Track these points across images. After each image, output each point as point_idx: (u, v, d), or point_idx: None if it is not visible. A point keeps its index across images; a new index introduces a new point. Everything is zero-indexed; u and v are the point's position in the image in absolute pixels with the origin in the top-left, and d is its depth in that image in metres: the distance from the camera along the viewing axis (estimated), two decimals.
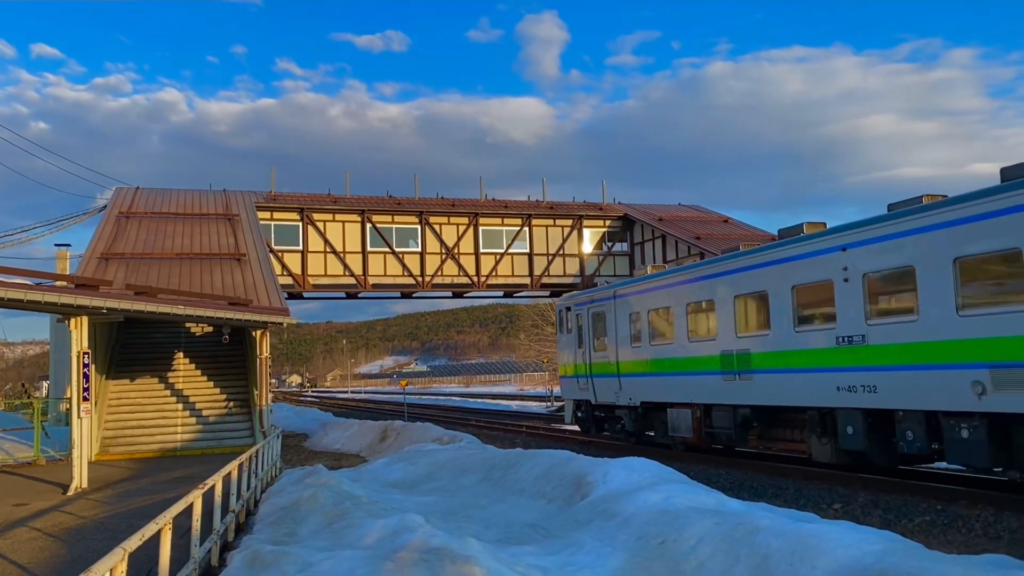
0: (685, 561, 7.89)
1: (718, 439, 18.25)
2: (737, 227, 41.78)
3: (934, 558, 6.64)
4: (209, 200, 35.83)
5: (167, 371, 26.87)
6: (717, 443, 18.66)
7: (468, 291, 40.28)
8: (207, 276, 25.77)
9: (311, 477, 13.24)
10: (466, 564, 6.86)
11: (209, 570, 9.05)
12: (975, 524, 10.78)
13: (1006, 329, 11.36)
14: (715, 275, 18.52)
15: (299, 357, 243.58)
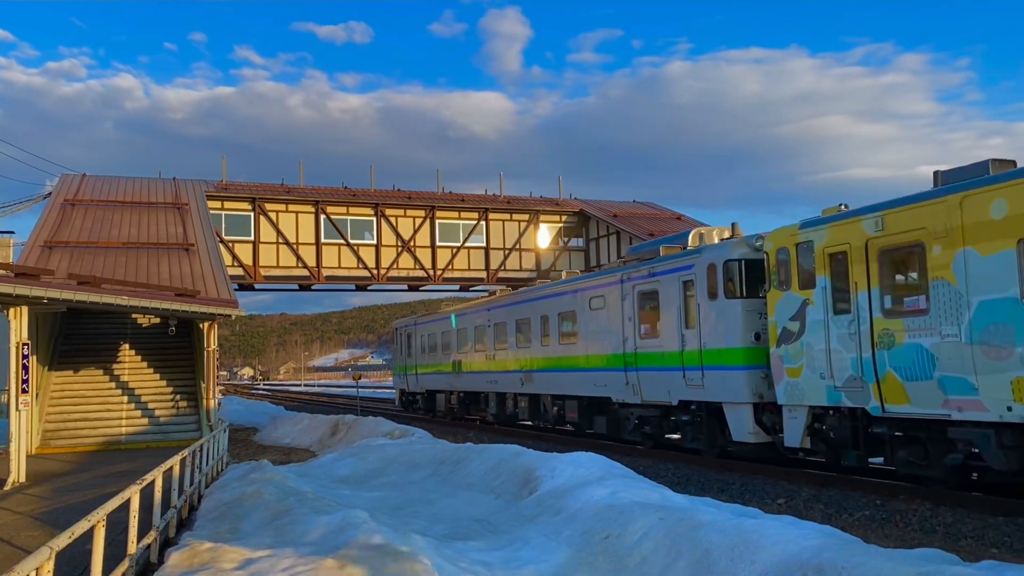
0: (628, 556, 7.95)
1: (456, 411, 31.97)
2: (689, 224, 42.20)
3: (869, 552, 6.77)
4: (158, 189, 35.10)
5: (112, 363, 26.27)
6: (458, 414, 32.02)
7: (424, 284, 40.11)
8: (154, 266, 25.24)
9: (256, 472, 13.06)
10: (409, 561, 6.82)
11: (148, 567, 8.86)
12: (912, 519, 11.03)
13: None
14: (423, 323, 36.00)
15: (251, 349, 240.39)
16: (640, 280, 19.10)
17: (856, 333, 13.03)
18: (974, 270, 11.14)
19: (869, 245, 12.86)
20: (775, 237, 15.02)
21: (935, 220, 11.67)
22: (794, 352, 14.26)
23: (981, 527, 10.30)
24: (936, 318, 11.69)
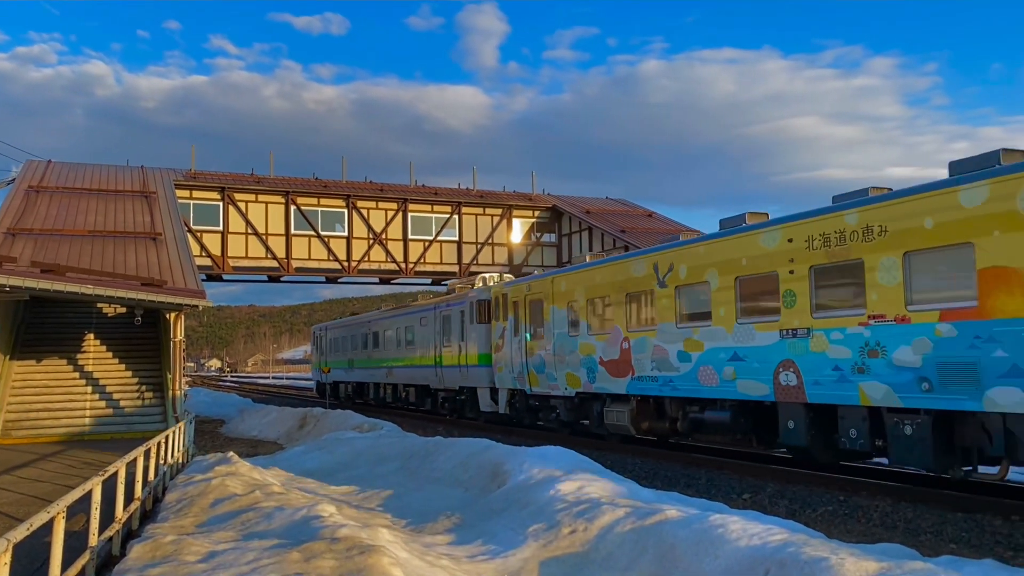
0: (594, 551, 7.98)
1: (352, 397, 40.89)
2: (661, 221, 42.48)
3: (832, 547, 6.86)
4: (125, 176, 34.58)
5: (76, 353, 25.86)
6: (353, 399, 40.57)
7: (395, 278, 39.95)
8: (120, 255, 24.86)
9: (222, 464, 12.93)
10: (374, 554, 6.79)
11: (110, 560, 8.75)
12: (873, 514, 11.20)
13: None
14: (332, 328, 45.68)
15: (219, 341, 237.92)
16: (443, 309, 28.96)
17: (521, 348, 22.78)
18: (555, 316, 21.06)
19: (526, 299, 22.65)
20: (495, 290, 24.89)
21: (545, 288, 21.63)
22: (499, 358, 24.22)
23: (940, 523, 10.48)
24: (546, 341, 21.38)
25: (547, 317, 21.23)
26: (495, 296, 24.62)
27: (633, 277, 17.95)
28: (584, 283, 19.85)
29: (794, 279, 13.60)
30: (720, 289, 15.29)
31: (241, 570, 6.80)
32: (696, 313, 16.06)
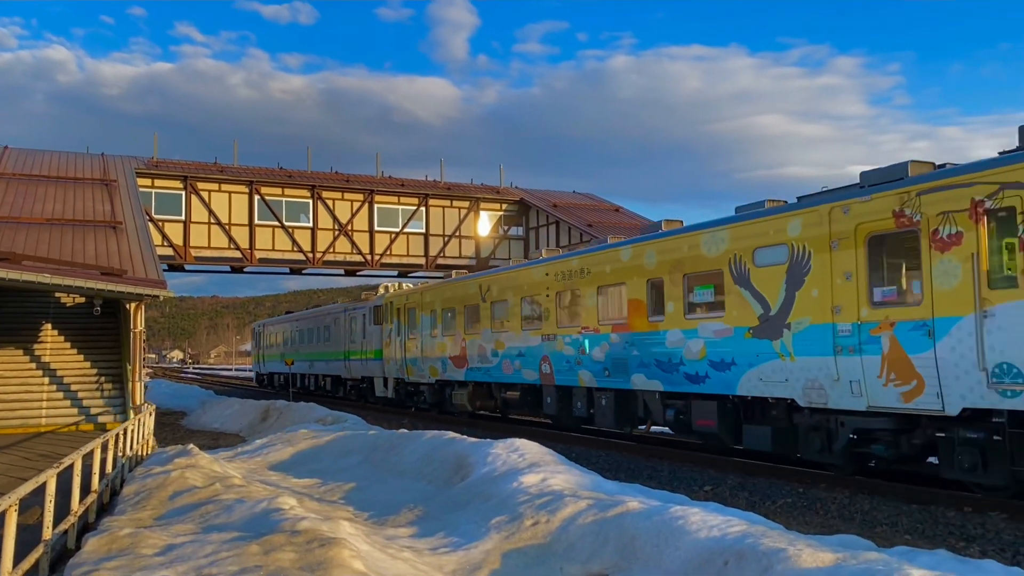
0: (556, 542, 8.02)
1: (285, 386, 43.27)
2: (627, 216, 42.70)
3: (790, 538, 6.96)
4: (85, 164, 33.92)
5: (33, 343, 25.36)
6: (286, 388, 42.26)
7: (361, 269, 39.68)
8: (79, 244, 24.38)
9: (182, 456, 12.77)
10: (334, 547, 6.74)
11: (65, 554, 8.60)
12: (831, 506, 11.39)
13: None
14: (269, 324, 52.33)
15: (181, 332, 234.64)
16: (351, 312, 34.15)
17: (402, 346, 28.00)
18: (423, 322, 26.37)
19: (405, 307, 28.00)
20: (386, 298, 30.21)
21: (416, 299, 27.21)
22: (388, 353, 29.37)
23: (895, 514, 10.68)
24: (417, 340, 26.63)
25: (418, 322, 27.01)
26: (385, 303, 30.06)
27: (469, 293, 23.72)
28: (440, 296, 25.66)
29: (549, 300, 19.65)
30: (513, 305, 21.27)
31: (199, 563, 6.72)
32: (501, 321, 21.83)
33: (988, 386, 10.09)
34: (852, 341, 11.89)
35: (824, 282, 12.33)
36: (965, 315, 10.39)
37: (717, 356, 14.38)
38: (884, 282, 11.71)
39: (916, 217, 11.06)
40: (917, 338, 10.95)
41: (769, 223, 13.52)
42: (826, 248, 12.32)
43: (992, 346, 10.03)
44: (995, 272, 10.18)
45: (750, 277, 13.76)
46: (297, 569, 6.45)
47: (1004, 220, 10.04)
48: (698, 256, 14.99)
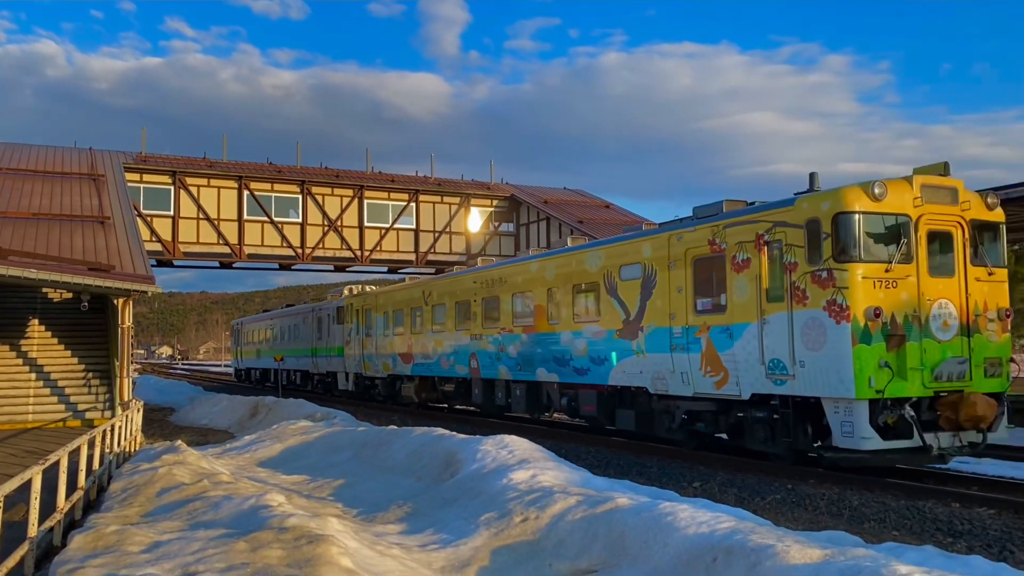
0: (545, 539, 8.00)
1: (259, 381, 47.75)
2: (618, 212, 42.73)
3: (777, 535, 6.96)
4: (73, 158, 33.69)
5: (20, 338, 25.19)
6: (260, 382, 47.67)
7: (351, 265, 39.60)
8: (66, 239, 24.21)
9: (170, 453, 12.69)
10: (323, 544, 6.71)
11: (51, 551, 8.54)
12: (820, 502, 11.42)
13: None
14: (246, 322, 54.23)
15: (170, 328, 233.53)
16: (318, 312, 36.26)
17: (360, 343, 30.45)
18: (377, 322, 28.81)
19: (363, 308, 30.50)
20: (347, 299, 32.21)
21: (371, 301, 29.74)
22: (348, 350, 31.63)
23: (883, 511, 10.72)
24: (373, 339, 29.18)
25: (373, 322, 29.49)
26: (346, 304, 32.21)
27: (414, 297, 26.33)
28: (392, 300, 28.32)
29: (476, 305, 22.30)
30: (449, 308, 23.93)
31: (185, 560, 6.67)
32: (439, 322, 24.48)
33: (766, 376, 12.99)
34: (682, 341, 14.75)
35: (664, 294, 15.24)
36: (752, 322, 13.22)
37: (595, 353, 17.38)
38: (703, 295, 14.45)
39: (723, 245, 13.92)
40: (723, 339, 13.77)
41: (631, 246, 16.41)
42: (666, 267, 15.21)
43: (768, 346, 12.91)
44: (770, 290, 12.98)
45: (617, 289, 16.66)
46: (285, 566, 6.41)
47: (776, 250, 12.94)
48: (583, 270, 17.90)
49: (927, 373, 11.94)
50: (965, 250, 12.62)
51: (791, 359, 12.60)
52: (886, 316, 11.83)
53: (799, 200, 12.84)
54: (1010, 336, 13.41)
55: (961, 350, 12.27)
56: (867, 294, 11.84)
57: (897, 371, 11.81)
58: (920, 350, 11.96)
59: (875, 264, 11.98)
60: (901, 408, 11.85)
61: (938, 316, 12.24)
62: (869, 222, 12.05)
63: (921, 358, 11.95)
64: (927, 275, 12.27)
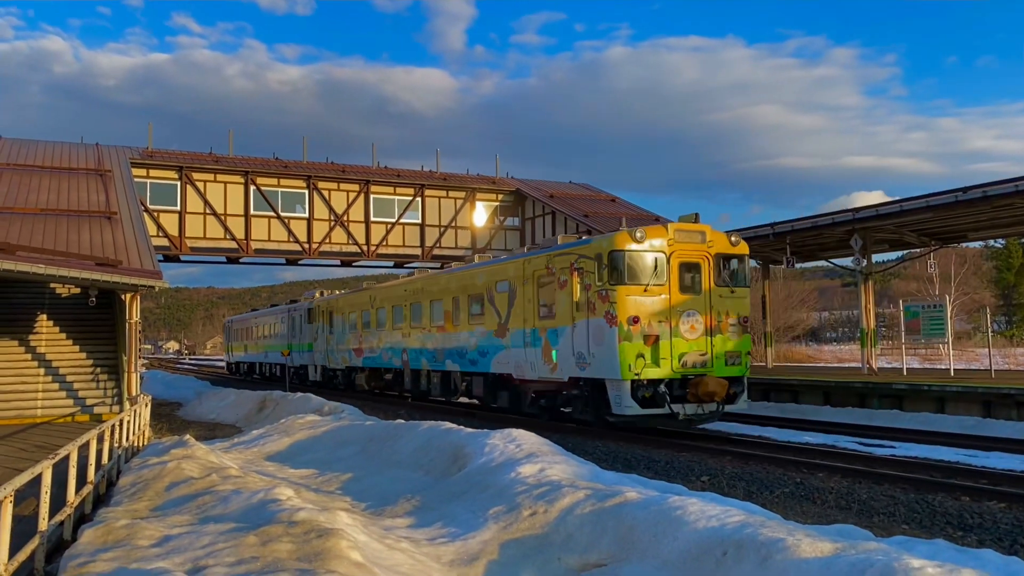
0: (554, 533, 8.00)
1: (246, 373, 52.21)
2: (624, 207, 42.64)
3: (787, 528, 6.95)
4: (79, 153, 33.75)
5: (28, 334, 25.25)
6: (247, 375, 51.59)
7: (357, 260, 39.61)
8: (74, 234, 24.26)
9: (178, 447, 12.72)
10: (332, 537, 6.72)
11: (61, 545, 8.57)
12: (829, 496, 11.39)
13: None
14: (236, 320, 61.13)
15: (177, 323, 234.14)
16: (292, 311, 40.58)
17: (325, 340, 34.40)
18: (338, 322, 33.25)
19: (328, 309, 34.46)
20: (316, 301, 36.63)
21: (334, 304, 34.05)
22: (316, 346, 35.96)
23: (892, 504, 10.69)
24: (335, 336, 33.43)
25: (335, 322, 33.71)
26: (315, 306, 36.51)
27: (364, 301, 30.83)
28: (348, 303, 32.52)
29: (406, 309, 26.83)
30: (387, 311, 28.50)
31: (196, 554, 6.69)
32: (381, 323, 29.01)
33: (575, 364, 17.51)
34: (531, 339, 19.32)
35: (521, 304, 19.84)
36: (568, 326, 17.76)
37: (481, 348, 21.83)
38: (543, 305, 18.93)
39: (553, 269, 18.46)
40: (553, 338, 18.33)
41: (502, 267, 21.09)
42: (522, 284, 19.77)
43: (576, 343, 17.44)
44: (578, 303, 17.38)
45: (494, 299, 21.17)
46: (294, 560, 6.42)
47: (581, 274, 17.30)
48: (475, 284, 22.40)
49: (676, 362, 16.42)
50: (710, 275, 17.01)
51: (588, 352, 17.11)
52: (643, 322, 16.22)
53: (593, 241, 17.61)
54: (749, 336, 17.90)
55: (704, 347, 16.74)
56: (629, 307, 16.22)
57: (652, 361, 16.22)
58: (671, 346, 16.41)
59: (636, 286, 16.35)
60: (657, 386, 16.30)
61: (686, 322, 16.65)
62: (632, 257, 16.45)
63: (671, 351, 16.40)
64: (678, 293, 16.64)
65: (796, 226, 26.02)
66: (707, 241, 17.18)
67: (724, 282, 17.22)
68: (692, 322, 16.67)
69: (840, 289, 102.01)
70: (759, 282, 39.41)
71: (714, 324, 16.85)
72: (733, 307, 17.25)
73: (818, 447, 15.50)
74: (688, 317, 16.66)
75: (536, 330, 19.08)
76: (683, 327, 16.58)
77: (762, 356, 40.31)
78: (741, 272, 17.71)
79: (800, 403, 24.04)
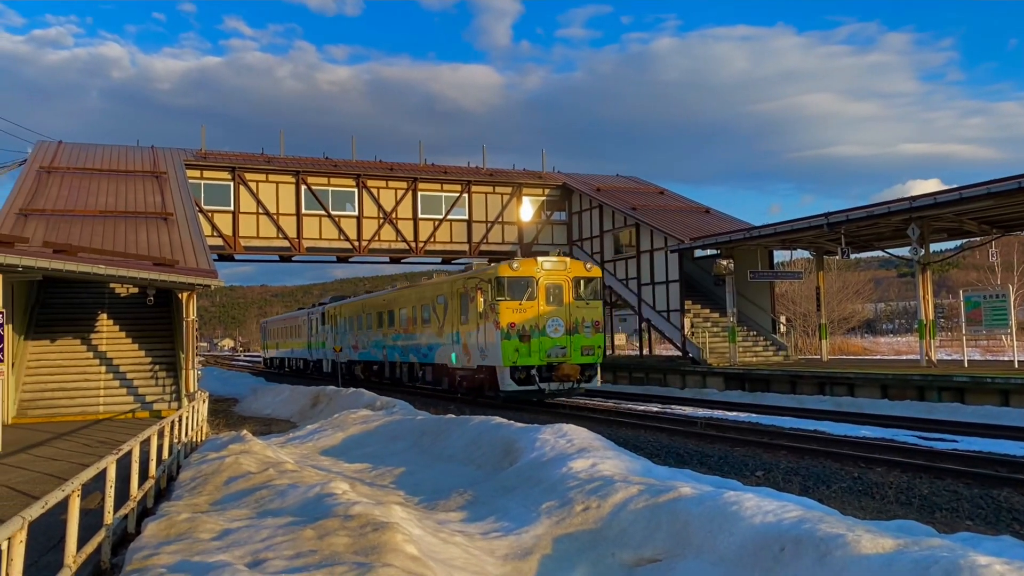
0: (608, 528, 7.96)
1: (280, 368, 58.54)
2: (672, 199, 42.23)
3: (847, 524, 6.81)
4: (136, 156, 34.58)
5: (90, 332, 26.00)
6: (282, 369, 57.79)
7: (406, 257, 39.92)
8: (132, 235, 24.91)
9: (236, 443, 12.97)
10: (387, 531, 6.78)
11: (126, 537, 8.80)
12: (888, 491, 11.15)
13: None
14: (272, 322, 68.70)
15: (232, 321, 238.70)
16: (311, 314, 47.12)
17: (334, 338, 41.04)
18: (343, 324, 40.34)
19: (337, 313, 41.64)
20: (327, 307, 43.46)
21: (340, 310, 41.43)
22: (328, 343, 41.89)
23: (955, 499, 10.43)
24: (342, 335, 40.03)
25: (340, 324, 40.87)
26: (327, 311, 43.58)
27: (357, 308, 38.21)
28: (349, 309, 39.72)
29: (385, 315, 33.35)
30: (373, 317, 35.02)
31: (255, 547, 6.81)
32: (369, 326, 35.68)
33: (480, 356, 24.06)
34: (456, 338, 25.88)
35: (450, 313, 26.48)
36: (475, 329, 24.29)
37: (430, 345, 28.55)
38: (463, 313, 25.33)
39: (467, 287, 24.91)
40: (469, 337, 24.62)
41: (440, 285, 27.92)
42: (451, 298, 26.48)
43: (479, 341, 23.93)
44: (482, 313, 23.74)
45: (436, 309, 27.81)
46: (351, 553, 6.50)
47: (483, 292, 23.65)
48: (425, 297, 29.22)
49: (543, 354, 23.09)
50: (570, 292, 23.74)
51: (486, 347, 23.78)
52: (519, 326, 22.93)
53: (490, 268, 24.60)
54: (602, 335, 24.36)
55: (565, 343, 23.37)
56: (508, 316, 22.93)
57: (525, 353, 22.93)
58: (540, 343, 23.10)
59: (513, 301, 23.13)
60: (529, 371, 23.05)
61: (551, 325, 23.28)
62: (510, 281, 23.31)
63: (540, 347, 23.08)
64: (545, 305, 23.44)
65: (851, 216, 25.50)
66: (567, 269, 23.99)
67: (580, 297, 23.99)
68: (556, 326, 23.40)
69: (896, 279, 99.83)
70: (812, 273, 38.86)
71: (572, 327, 23.57)
72: (588, 314, 23.95)
73: (876, 441, 15.19)
74: (553, 322, 23.36)
75: (459, 332, 25.70)
76: (549, 329, 23.26)
77: (816, 349, 39.64)
78: (594, 289, 24.47)
79: (856, 397, 23.59)
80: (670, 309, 34.26)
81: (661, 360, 37.41)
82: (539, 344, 22.88)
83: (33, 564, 6.97)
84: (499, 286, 23.10)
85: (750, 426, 17.93)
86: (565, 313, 23.43)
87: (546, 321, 23.06)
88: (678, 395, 28.08)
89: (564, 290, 23.65)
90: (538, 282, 23.34)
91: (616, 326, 77.47)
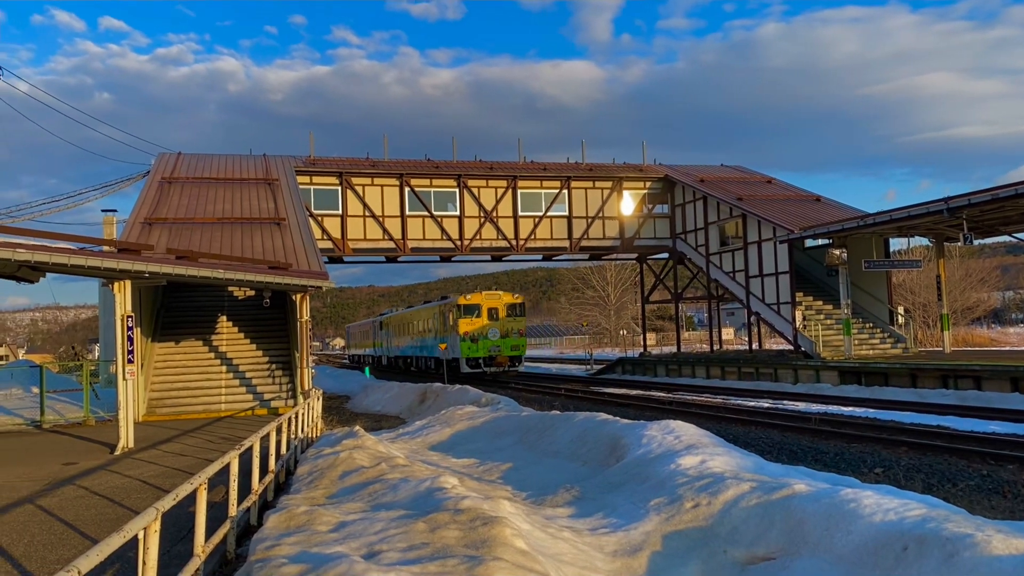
0: (719, 525, 7.81)
1: (358, 364, 75.58)
2: (781, 188, 40.98)
3: (975, 524, 6.46)
4: (249, 165, 36.10)
5: (211, 334, 27.34)
6: (356, 365, 76.10)
7: (507, 255, 40.22)
8: (247, 240, 26.03)
9: (349, 438, 13.38)
10: (496, 525, 6.86)
11: (248, 529, 9.22)
12: (1021, 490, 10.51)
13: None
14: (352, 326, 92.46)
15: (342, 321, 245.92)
16: (375, 322, 66.40)
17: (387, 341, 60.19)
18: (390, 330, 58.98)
19: (386, 323, 60.57)
20: (383, 318, 63.13)
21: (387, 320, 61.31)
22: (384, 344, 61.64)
23: None
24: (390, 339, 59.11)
25: (388, 331, 57.09)
26: (383, 321, 59.66)
27: (397, 319, 55.70)
28: (394, 320, 56.16)
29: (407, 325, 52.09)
30: (403, 326, 53.10)
31: (370, 539, 7.01)
32: (402, 333, 53.33)
33: (451, 351, 39.14)
34: (440, 340, 40.36)
35: (437, 325, 42.81)
36: (449, 336, 40.03)
37: (431, 346, 43.01)
38: (444, 326, 41.16)
39: (445, 311, 41.42)
40: (447, 341, 39.62)
41: (431, 309, 44.52)
42: (437, 316, 42.93)
43: (451, 343, 39.41)
44: (453, 325, 39.68)
45: (430, 322, 44.03)
46: (462, 547, 6.60)
47: (452, 313, 39.87)
48: (425, 315, 45.87)
49: (486, 349, 38.37)
50: (503, 312, 39.13)
51: (453, 346, 38.62)
52: (472, 334, 38.33)
53: (452, 300, 40.29)
54: (524, 339, 40.23)
55: (500, 343, 38.66)
56: (464, 327, 38.38)
57: (474, 350, 38.26)
58: (486, 343, 38.40)
59: (468, 319, 38.61)
60: (478, 359, 38.47)
61: (491, 333, 38.56)
62: (466, 307, 38.94)
63: (484, 345, 38.38)
64: (487, 321, 38.78)
65: (973, 199, 24.14)
66: (500, 298, 39.83)
67: (509, 314, 39.22)
68: (493, 333, 38.59)
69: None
70: (932, 261, 37.05)
71: (505, 333, 38.89)
72: (514, 326, 39.35)
73: (1007, 437, 14.35)
74: (492, 331, 38.61)
75: (444, 336, 40.35)
76: (490, 335, 38.51)
77: (938, 341, 37.73)
78: (518, 309, 39.85)
79: (984, 390, 22.34)
80: (780, 302, 33.28)
81: (772, 354, 36.39)
82: (484, 344, 38.36)
83: (165, 553, 7.38)
84: (459, 310, 38.58)
85: (867, 422, 17.24)
86: (500, 325, 38.80)
87: (488, 330, 38.52)
88: (790, 390, 27.28)
89: (499, 311, 38.98)
90: (482, 306, 38.82)
91: (724, 319, 75.88)
